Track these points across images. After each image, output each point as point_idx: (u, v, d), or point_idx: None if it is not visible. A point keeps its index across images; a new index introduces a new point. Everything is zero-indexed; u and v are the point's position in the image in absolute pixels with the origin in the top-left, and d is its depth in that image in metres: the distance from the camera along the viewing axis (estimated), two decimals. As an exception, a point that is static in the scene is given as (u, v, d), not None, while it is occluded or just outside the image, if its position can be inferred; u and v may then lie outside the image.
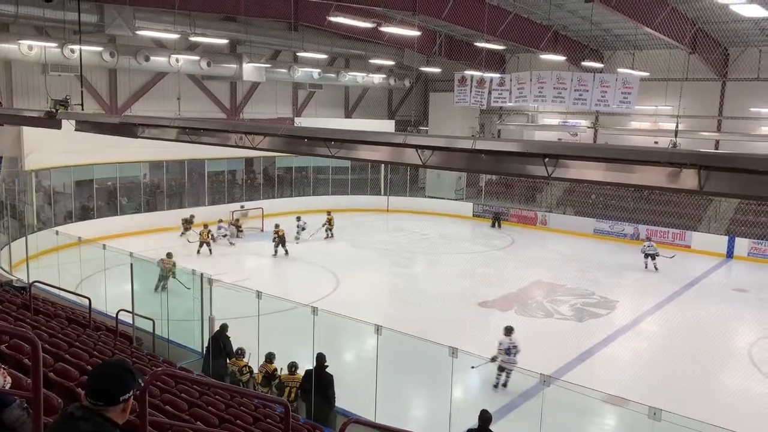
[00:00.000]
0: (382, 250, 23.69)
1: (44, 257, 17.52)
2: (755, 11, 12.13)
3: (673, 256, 21.92)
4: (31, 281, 12.75)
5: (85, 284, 15.61)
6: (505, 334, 12.34)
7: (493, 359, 11.85)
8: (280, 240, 21.92)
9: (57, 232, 17.08)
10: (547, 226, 28.33)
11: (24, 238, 17.64)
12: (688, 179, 6.32)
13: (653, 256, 21.66)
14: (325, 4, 19.98)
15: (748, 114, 26.32)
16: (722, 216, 25.86)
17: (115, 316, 11.65)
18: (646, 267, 21.69)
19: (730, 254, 24.05)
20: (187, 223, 24.27)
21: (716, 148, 26.13)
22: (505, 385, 12.08)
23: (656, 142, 25.52)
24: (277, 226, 22.23)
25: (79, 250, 16.14)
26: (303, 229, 23.82)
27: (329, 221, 24.99)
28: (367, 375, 9.95)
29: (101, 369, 2.91)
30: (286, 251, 22.04)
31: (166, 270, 15.60)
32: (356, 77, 32.59)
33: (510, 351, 12.03)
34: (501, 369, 11.94)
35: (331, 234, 24.96)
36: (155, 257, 15.19)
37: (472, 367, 11.47)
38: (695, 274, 21.41)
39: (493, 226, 29.08)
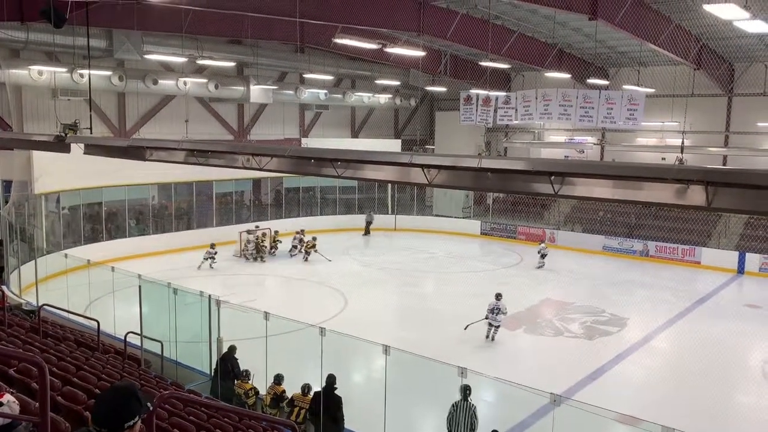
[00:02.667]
0: (390, 269, 23.64)
1: (53, 280, 17.57)
2: (759, 27, 12.15)
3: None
4: (40, 304, 12.81)
5: (93, 307, 15.63)
6: (495, 299, 15.57)
7: (486, 317, 15.55)
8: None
9: (66, 255, 17.15)
10: (555, 244, 28.19)
11: (33, 261, 17.71)
12: (696, 195, 6.29)
13: (544, 255, 23.97)
14: (330, 26, 20.18)
15: (755, 129, 26.26)
16: (732, 231, 25.70)
17: (123, 338, 11.66)
18: (542, 266, 23.79)
19: (741, 270, 23.84)
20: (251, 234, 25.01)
21: (724, 164, 26.05)
22: (492, 339, 15.50)
23: (663, 158, 25.46)
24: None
25: (88, 273, 16.18)
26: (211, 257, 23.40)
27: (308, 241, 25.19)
28: (375, 396, 9.87)
29: (106, 395, 2.90)
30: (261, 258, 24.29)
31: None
32: (362, 97, 32.83)
33: (494, 311, 15.42)
34: (490, 325, 15.56)
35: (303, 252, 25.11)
36: (164, 279, 15.20)
37: (465, 328, 15.35)
38: (706, 291, 21.23)
39: (365, 234, 29.67)
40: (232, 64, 25.81)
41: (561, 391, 10.77)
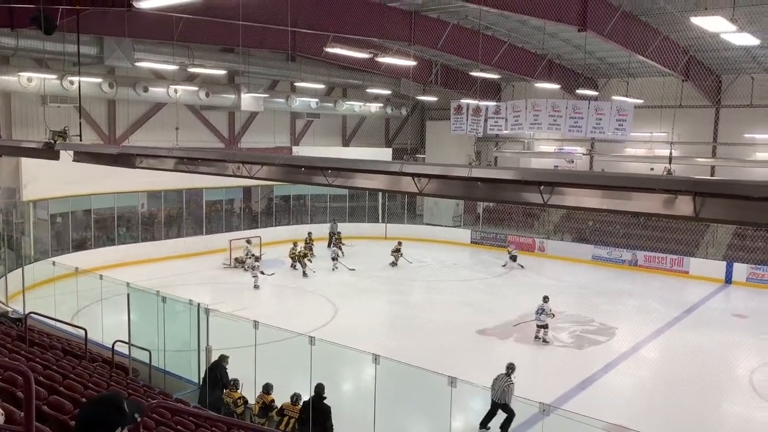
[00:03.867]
0: (380, 277, 23.61)
1: (40, 288, 17.42)
2: (745, 39, 12.32)
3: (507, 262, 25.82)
4: (26, 312, 12.71)
5: (81, 315, 15.53)
6: (543, 300, 16.66)
7: (535, 319, 16.64)
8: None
9: (54, 263, 17.01)
10: (545, 253, 28.30)
11: (21, 268, 17.55)
12: (684, 206, 6.34)
13: (515, 258, 25.76)
14: (322, 35, 20.23)
15: (742, 140, 26.51)
16: (720, 241, 25.88)
17: (111, 347, 11.57)
18: (505, 265, 25.68)
19: (728, 280, 23.99)
20: (310, 241, 25.35)
21: (712, 174, 26.27)
22: (543, 340, 16.41)
23: (652, 169, 25.65)
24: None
25: (76, 281, 16.06)
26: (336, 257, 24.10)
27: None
28: (365, 405, 9.84)
29: (86, 407, 2.87)
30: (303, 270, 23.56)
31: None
32: (353, 106, 32.88)
33: (538, 311, 16.46)
34: (538, 327, 16.53)
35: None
36: (153, 287, 15.13)
37: (515, 326, 17.23)
38: (694, 300, 21.35)
39: (329, 246, 27.16)
40: (223, 72, 25.80)
41: (550, 400, 10.78)
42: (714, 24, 10.67)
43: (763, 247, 24.19)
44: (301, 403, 10.02)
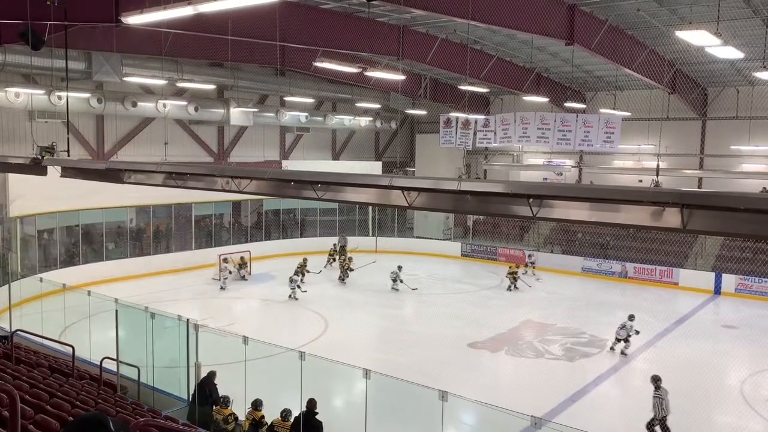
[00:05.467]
0: (371, 291, 23.55)
1: (27, 305, 17.22)
2: (730, 53, 12.45)
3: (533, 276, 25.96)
4: (13, 330, 12.56)
5: (68, 332, 15.35)
6: (628, 319, 16.73)
7: (618, 342, 16.75)
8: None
9: (41, 279, 16.84)
10: (535, 265, 28.31)
11: (7, 285, 17.34)
12: (671, 218, 6.38)
13: (533, 263, 26.53)
14: (311, 49, 20.30)
15: (728, 152, 26.78)
16: (708, 253, 26.04)
17: (99, 364, 11.44)
18: (530, 274, 25.97)
19: (717, 290, 24.10)
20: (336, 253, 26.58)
21: (699, 186, 26.48)
22: (623, 352, 16.60)
23: (640, 181, 25.84)
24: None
25: (64, 297, 15.89)
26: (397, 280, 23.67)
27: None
28: (356, 420, 9.77)
29: (71, 426, 2.82)
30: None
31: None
32: (343, 120, 32.98)
33: (627, 328, 16.54)
34: (617, 340, 16.72)
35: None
36: (141, 303, 14.99)
37: (611, 349, 16.84)
38: (684, 311, 21.42)
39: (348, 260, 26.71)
40: (212, 86, 25.81)
41: (542, 413, 10.74)
42: (698, 38, 10.80)
43: (751, 257, 24.35)
44: (291, 419, 9.93)
